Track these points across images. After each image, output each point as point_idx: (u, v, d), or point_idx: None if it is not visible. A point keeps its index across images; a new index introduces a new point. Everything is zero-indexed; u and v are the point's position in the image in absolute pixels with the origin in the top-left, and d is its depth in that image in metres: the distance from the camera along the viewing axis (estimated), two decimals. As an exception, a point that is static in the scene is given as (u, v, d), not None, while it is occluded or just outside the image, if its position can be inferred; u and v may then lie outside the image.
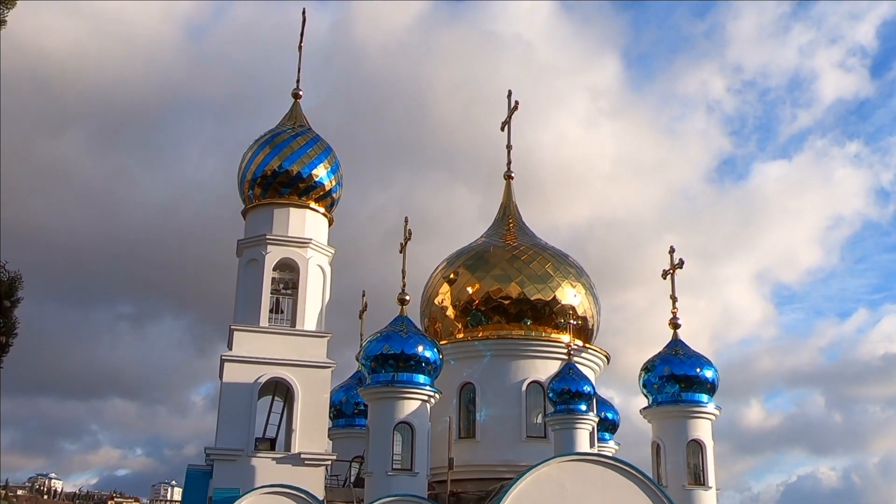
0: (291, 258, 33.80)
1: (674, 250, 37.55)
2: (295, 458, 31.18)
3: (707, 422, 35.25)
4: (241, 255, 34.51)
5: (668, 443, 34.86)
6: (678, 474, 34.14)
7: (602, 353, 40.78)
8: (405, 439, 32.17)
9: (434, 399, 33.47)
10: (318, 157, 35.15)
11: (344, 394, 42.83)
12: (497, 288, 39.39)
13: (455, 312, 40.12)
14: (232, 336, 32.50)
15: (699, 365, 35.61)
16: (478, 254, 41.08)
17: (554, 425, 34.18)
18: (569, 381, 34.05)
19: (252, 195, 34.94)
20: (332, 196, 35.66)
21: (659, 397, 35.63)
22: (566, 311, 38.73)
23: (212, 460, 31.13)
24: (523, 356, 38.50)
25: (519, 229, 42.68)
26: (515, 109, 44.45)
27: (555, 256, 41.03)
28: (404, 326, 33.97)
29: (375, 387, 32.95)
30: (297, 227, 34.30)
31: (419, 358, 33.02)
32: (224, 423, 31.32)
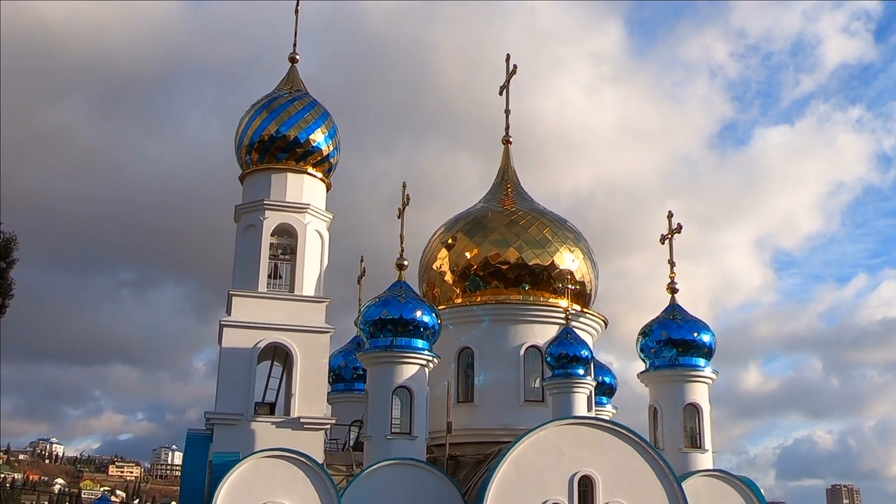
0: (289, 224, 33.75)
1: (672, 215, 37.59)
2: (294, 422, 31.37)
3: (704, 386, 35.47)
4: (238, 220, 34.47)
5: (666, 406, 35.10)
6: (675, 438, 34.42)
7: (600, 317, 40.92)
8: (404, 403, 32.39)
9: (432, 364, 33.65)
10: (316, 122, 34.98)
11: (343, 358, 43.04)
12: (495, 253, 39.42)
13: (453, 277, 40.19)
14: (230, 302, 32.56)
15: (696, 329, 35.76)
16: (476, 219, 41.06)
17: (552, 389, 34.39)
18: (567, 346, 34.20)
19: (249, 160, 34.82)
20: (330, 161, 35.54)
21: (656, 361, 35.82)
22: (564, 276, 38.80)
23: (212, 425, 31.33)
24: (521, 321, 38.63)
25: (517, 194, 42.61)
26: (514, 73, 44.20)
27: (553, 221, 41.02)
28: (403, 291, 34.06)
29: (374, 352, 33.11)
30: (294, 193, 34.21)
31: (417, 323, 33.15)
32: (224, 388, 31.48)
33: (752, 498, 33.11)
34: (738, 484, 33.25)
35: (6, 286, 16.15)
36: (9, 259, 16.13)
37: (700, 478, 33.03)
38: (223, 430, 30.93)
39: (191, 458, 31.18)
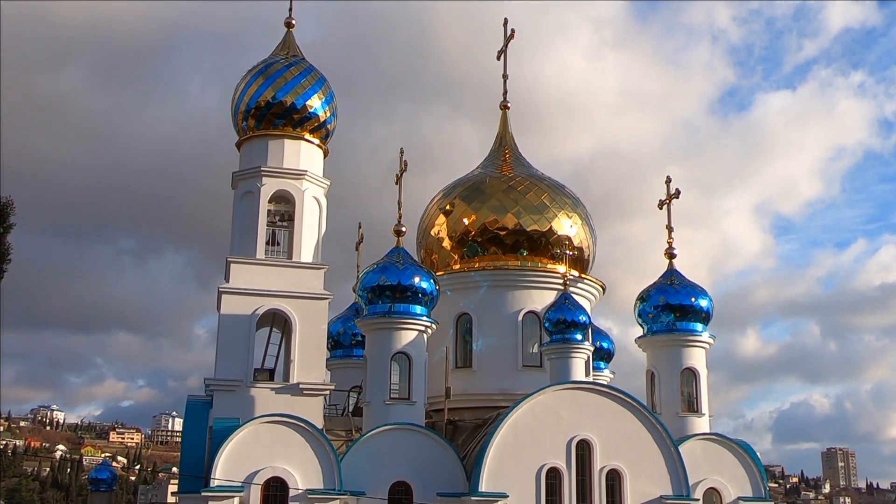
0: (287, 190, 33.64)
1: (670, 180, 37.49)
2: (293, 388, 31.49)
3: (701, 350, 35.61)
4: (236, 187, 34.35)
5: (663, 371, 35.26)
6: (672, 402, 34.61)
7: (598, 283, 40.97)
8: (402, 369, 32.53)
9: (431, 329, 33.74)
10: (312, 88, 34.73)
11: (341, 325, 43.15)
12: (493, 219, 39.37)
13: (451, 243, 40.17)
14: (229, 268, 32.55)
15: (694, 294, 35.82)
16: (474, 185, 40.96)
17: (550, 354, 34.52)
18: (564, 311, 34.27)
19: (246, 127, 34.63)
20: (327, 127, 35.35)
21: (654, 326, 35.92)
22: (562, 242, 38.80)
23: (211, 391, 31.45)
24: (519, 287, 38.69)
25: (515, 160, 42.47)
26: (511, 38, 43.87)
27: (551, 187, 40.93)
28: (401, 258, 34.07)
29: (372, 318, 33.18)
30: (292, 159, 34.05)
31: (416, 289, 33.19)
32: (223, 355, 31.55)
33: (748, 461, 33.39)
34: (735, 447, 33.50)
35: (4, 251, 16.10)
36: (6, 224, 16.07)
37: (697, 441, 33.28)
38: (223, 396, 31.06)
39: (191, 425, 31.33)
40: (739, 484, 33.07)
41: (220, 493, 28.18)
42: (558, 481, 30.43)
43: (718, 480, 32.85)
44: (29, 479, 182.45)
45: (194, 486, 28.82)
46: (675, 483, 31.20)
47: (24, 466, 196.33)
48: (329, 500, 29.02)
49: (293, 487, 28.74)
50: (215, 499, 28.18)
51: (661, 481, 31.15)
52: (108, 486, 39.71)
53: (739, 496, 32.88)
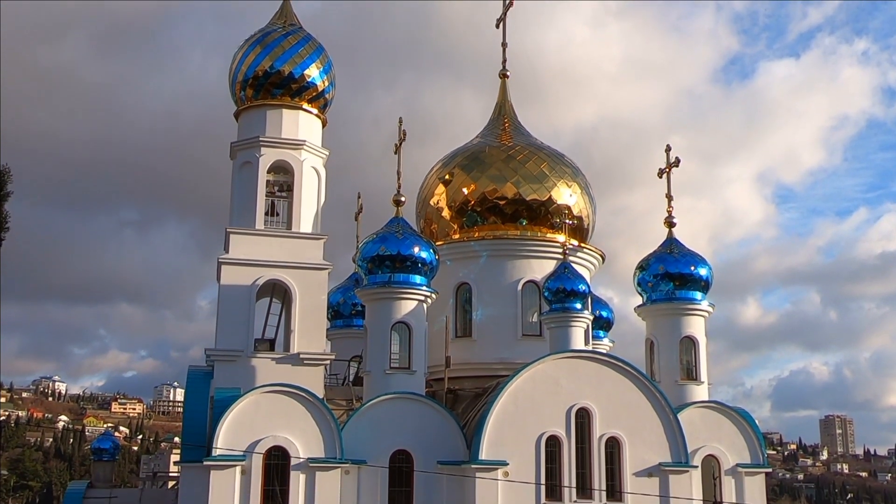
0: (285, 160, 33.55)
1: (669, 149, 37.38)
2: (294, 358, 31.60)
3: (700, 319, 35.69)
4: (234, 157, 34.25)
5: (662, 340, 35.37)
6: (671, 370, 34.76)
7: (597, 252, 40.98)
8: (402, 339, 32.64)
9: (430, 299, 33.80)
10: (310, 57, 34.52)
11: (341, 295, 43.21)
12: (493, 188, 39.30)
13: (451, 213, 40.13)
14: (228, 239, 32.55)
15: (693, 263, 35.85)
16: (473, 154, 40.83)
17: (549, 324, 34.60)
18: (564, 280, 34.29)
19: (244, 96, 34.46)
20: (325, 97, 35.17)
21: (653, 295, 35.98)
22: (562, 211, 38.75)
23: (212, 361, 31.57)
24: (519, 256, 38.71)
25: (514, 129, 42.30)
26: (510, 6, 43.52)
27: (550, 156, 40.80)
28: (400, 228, 34.06)
29: (372, 287, 33.23)
30: (290, 129, 33.93)
31: (415, 259, 33.21)
32: (223, 325, 31.64)
33: (747, 428, 33.59)
34: (733, 415, 33.70)
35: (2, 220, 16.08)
36: (3, 192, 16.03)
37: (695, 409, 33.46)
38: (224, 366, 31.18)
39: (192, 395, 31.47)
40: (738, 451, 33.31)
41: (222, 462, 28.39)
42: (558, 449, 30.64)
43: (717, 448, 33.08)
44: (32, 449, 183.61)
45: (196, 456, 29.02)
46: (673, 450, 31.42)
47: (27, 437, 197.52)
48: (330, 468, 29.24)
49: (294, 456, 28.96)
50: (217, 468, 28.40)
51: (660, 449, 31.37)
52: (111, 456, 39.96)
53: (737, 463, 33.13)
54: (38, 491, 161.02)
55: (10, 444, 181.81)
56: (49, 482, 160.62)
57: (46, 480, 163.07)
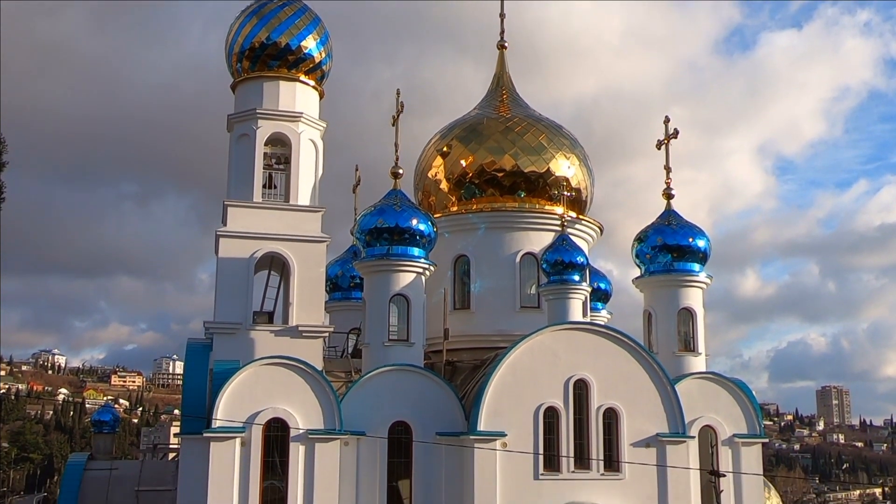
0: (283, 133, 33.40)
1: (668, 120, 37.26)
2: (293, 330, 31.65)
3: (698, 290, 35.76)
4: (231, 130, 34.10)
5: (660, 311, 35.46)
6: (669, 341, 34.87)
7: (595, 224, 40.96)
8: (401, 311, 32.71)
9: (429, 271, 33.84)
10: (307, 28, 34.26)
11: (340, 267, 43.26)
12: (491, 160, 39.20)
13: (449, 185, 40.06)
14: (226, 212, 32.50)
15: (691, 234, 35.86)
16: (471, 126, 40.69)
17: (547, 295, 34.66)
18: (562, 252, 34.32)
19: (240, 68, 34.24)
20: (322, 69, 34.97)
21: (651, 267, 36.02)
22: (560, 183, 38.70)
23: (211, 334, 31.62)
24: (517, 228, 38.69)
25: (513, 100, 42.13)
26: (509, -24, 43.19)
27: (549, 128, 40.68)
28: (398, 200, 34.03)
29: (370, 260, 33.25)
30: (287, 101, 33.75)
31: (413, 231, 33.21)
32: (222, 298, 31.65)
33: (744, 399, 33.78)
34: (730, 385, 33.87)
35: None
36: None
37: (693, 380, 33.62)
38: (223, 339, 31.24)
39: (191, 367, 31.56)
40: (734, 422, 33.52)
41: (221, 434, 28.55)
42: (556, 420, 30.82)
43: (714, 418, 33.29)
44: (33, 422, 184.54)
45: (196, 428, 29.17)
46: (671, 421, 31.61)
47: (28, 410, 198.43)
48: (329, 440, 29.41)
49: (294, 428, 29.12)
50: (217, 439, 28.56)
51: (658, 419, 31.55)
52: (111, 428, 40.20)
53: (734, 433, 33.35)
54: (39, 463, 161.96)
55: (10, 416, 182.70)
56: (50, 454, 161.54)
57: (47, 453, 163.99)
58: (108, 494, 33.91)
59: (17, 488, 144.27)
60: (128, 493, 33.95)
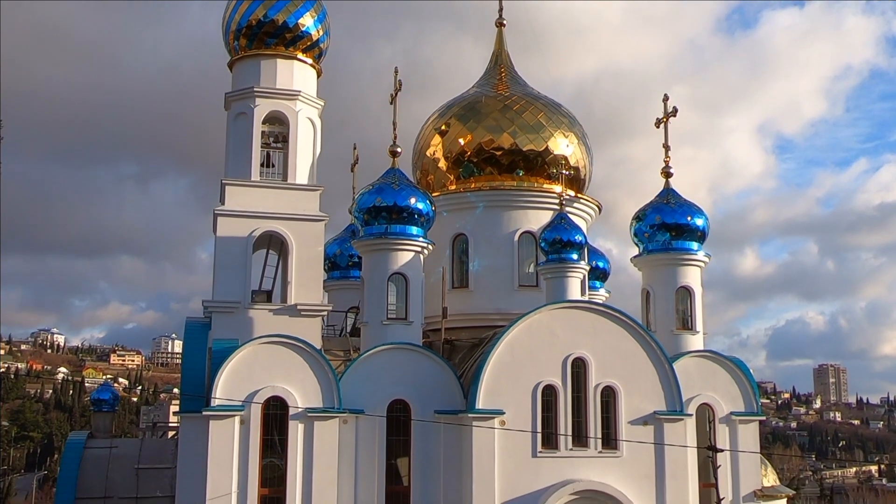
0: (281, 111, 33.26)
1: (667, 98, 37.11)
2: (291, 309, 31.66)
3: (696, 269, 35.77)
4: (229, 108, 33.95)
5: (658, 290, 35.48)
6: (667, 320, 34.92)
7: (594, 202, 40.93)
8: (399, 290, 32.73)
9: (427, 250, 33.83)
10: (305, 6, 34.03)
11: (338, 246, 43.24)
12: (489, 139, 39.11)
13: (447, 164, 39.99)
14: (224, 191, 32.42)
15: (690, 213, 35.81)
16: (469, 104, 40.56)
17: (546, 274, 34.68)
18: (560, 231, 34.31)
19: (238, 46, 34.05)
20: (320, 46, 34.78)
21: (650, 245, 36.01)
22: (558, 162, 38.65)
23: (210, 313, 31.64)
24: (515, 207, 38.66)
25: (511, 78, 41.96)
26: (508, -47, 42.88)
27: (547, 106, 40.55)
28: (396, 179, 33.95)
29: (369, 239, 33.23)
30: (285, 79, 33.58)
31: (412, 210, 33.17)
32: (220, 277, 31.64)
33: (741, 377, 33.88)
34: (728, 364, 33.96)
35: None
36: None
37: (691, 358, 33.70)
38: (221, 318, 31.26)
39: (190, 346, 31.59)
40: (732, 399, 33.63)
41: (221, 413, 28.63)
42: (554, 398, 30.90)
43: (711, 396, 33.39)
44: (32, 400, 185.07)
45: (195, 406, 29.26)
46: (668, 399, 31.71)
47: (27, 388, 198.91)
48: (328, 418, 29.51)
49: (293, 406, 29.20)
50: (216, 418, 28.64)
51: (655, 397, 31.66)
52: (111, 407, 40.26)
53: (732, 411, 33.47)
54: (39, 441, 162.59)
55: (10, 395, 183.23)
56: (50, 433, 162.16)
57: (47, 431, 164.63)
58: (108, 472, 34.01)
59: (17, 466, 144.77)
60: (128, 471, 34.07)
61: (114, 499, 32.96)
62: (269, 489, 29.14)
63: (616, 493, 30.29)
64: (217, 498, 28.14)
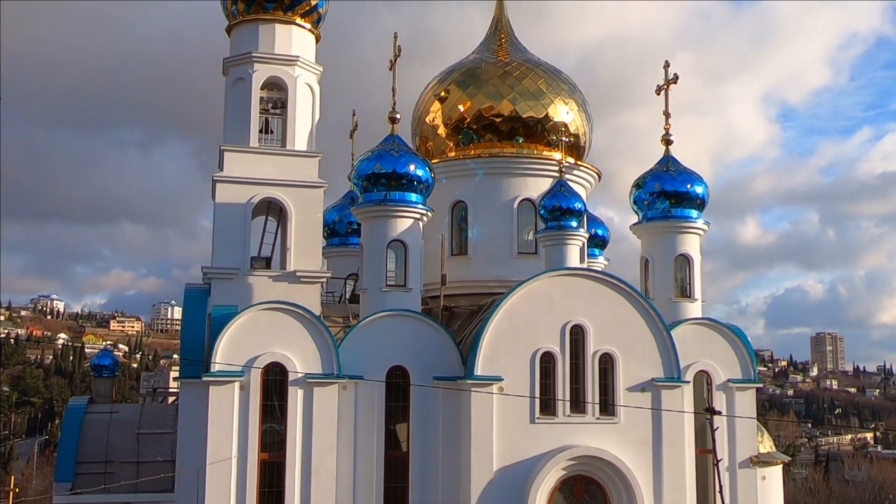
0: (279, 76, 33.04)
1: (668, 65, 36.87)
2: (290, 275, 31.68)
3: (695, 237, 35.77)
4: (227, 74, 33.72)
5: (657, 257, 35.51)
6: (665, 287, 34.98)
7: (593, 170, 40.82)
8: (398, 257, 32.75)
9: (426, 217, 33.80)
10: (303, -30, 33.68)
11: (337, 213, 43.19)
12: (489, 105, 38.92)
13: (446, 131, 39.83)
14: (222, 157, 32.30)
15: (689, 181, 35.75)
16: (469, 70, 40.30)
17: (545, 241, 34.68)
18: (560, 198, 34.25)
19: (235, 11, 33.73)
20: (318, 11, 34.44)
21: (649, 213, 35.97)
22: (558, 129, 38.50)
23: (209, 279, 31.66)
24: (515, 174, 38.56)
25: (511, 45, 41.67)
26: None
27: (547, 73, 40.31)
28: (395, 145, 33.83)
29: (368, 206, 33.18)
30: (283, 45, 33.31)
31: (411, 176, 33.09)
32: (219, 243, 31.62)
33: (739, 345, 33.99)
34: (726, 331, 34.06)
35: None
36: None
37: (688, 326, 33.78)
38: (221, 284, 31.29)
39: (190, 312, 31.66)
40: (729, 367, 33.75)
41: (220, 378, 28.76)
42: (552, 365, 31.03)
43: (709, 363, 33.52)
44: (33, 366, 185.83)
45: (195, 372, 29.39)
46: (666, 366, 31.84)
47: (27, 354, 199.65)
48: (328, 384, 29.65)
49: (292, 372, 29.33)
50: (216, 383, 28.77)
51: (653, 364, 31.79)
52: (111, 373, 40.42)
53: (729, 378, 33.61)
54: (40, 407, 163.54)
55: (10, 361, 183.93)
56: (50, 398, 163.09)
57: (48, 397, 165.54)
58: (109, 437, 34.24)
59: (18, 431, 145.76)
60: (128, 436, 34.29)
61: (115, 463, 33.20)
62: (269, 454, 29.36)
63: (613, 459, 30.53)
64: (217, 462, 28.36)
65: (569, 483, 30.84)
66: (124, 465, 33.20)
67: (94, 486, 31.47)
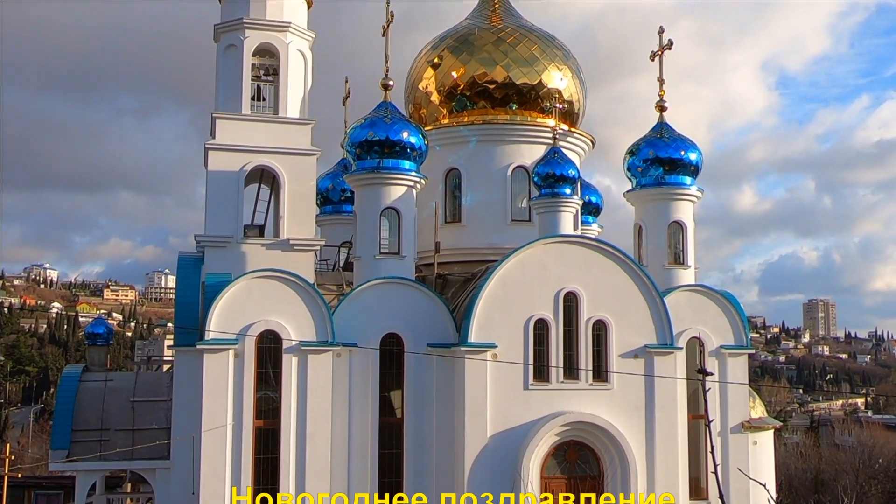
0: (271, 43, 32.77)
1: (662, 31, 36.64)
2: (284, 243, 31.65)
3: (689, 204, 35.75)
4: (218, 40, 33.42)
5: (651, 224, 35.50)
6: (659, 254, 35.02)
7: (587, 137, 40.70)
8: (392, 224, 32.71)
9: (420, 185, 33.72)
10: (294, -66, 33.29)
11: (330, 181, 43.03)
12: (482, 72, 38.70)
13: (440, 98, 39.62)
14: (214, 124, 32.13)
15: (683, 147, 35.65)
16: (462, 37, 40.01)
17: (538, 209, 34.64)
18: (554, 165, 34.16)
19: (226, -24, 33.39)
20: (310, -23, 34.10)
21: (643, 180, 35.91)
22: (552, 95, 38.31)
23: (202, 247, 31.62)
24: (509, 141, 38.44)
25: (505, 10, 41.34)
26: None
27: (541, 39, 40.03)
28: (388, 112, 33.65)
29: (361, 173, 33.07)
30: (274, 11, 33.02)
31: (404, 144, 32.95)
32: (212, 211, 31.53)
33: (732, 311, 34.11)
34: (719, 298, 34.16)
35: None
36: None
37: (682, 293, 33.85)
38: (214, 252, 31.25)
39: (183, 280, 31.69)
40: (722, 333, 33.88)
41: (214, 346, 28.81)
42: (546, 332, 31.15)
43: (702, 330, 33.64)
44: (27, 335, 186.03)
45: (189, 340, 29.44)
46: (659, 332, 31.97)
47: (22, 323, 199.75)
48: (322, 351, 29.72)
49: (286, 339, 29.39)
50: (211, 351, 28.83)
51: (646, 331, 31.91)
52: (105, 341, 40.41)
53: (721, 345, 33.75)
54: (35, 376, 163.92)
55: (4, 330, 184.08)
56: (45, 367, 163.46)
57: (42, 365, 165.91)
58: (104, 405, 34.27)
59: (13, 400, 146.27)
60: (123, 404, 34.33)
61: (110, 431, 33.26)
62: (264, 421, 29.50)
63: (606, 425, 30.74)
64: (212, 430, 28.49)
65: (562, 449, 31.06)
66: (119, 433, 33.26)
67: (89, 453, 31.60)
